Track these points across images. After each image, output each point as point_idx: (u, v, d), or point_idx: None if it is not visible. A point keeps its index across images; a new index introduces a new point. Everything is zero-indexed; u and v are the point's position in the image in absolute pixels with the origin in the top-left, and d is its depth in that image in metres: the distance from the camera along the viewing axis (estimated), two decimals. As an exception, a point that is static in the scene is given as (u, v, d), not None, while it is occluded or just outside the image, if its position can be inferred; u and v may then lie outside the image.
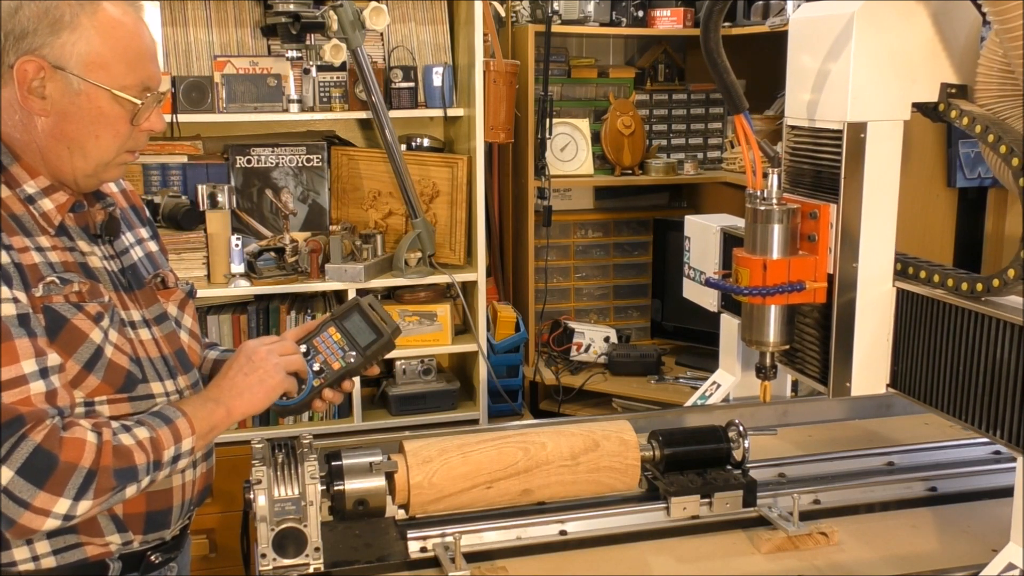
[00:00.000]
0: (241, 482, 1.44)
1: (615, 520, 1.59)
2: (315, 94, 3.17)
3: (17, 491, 1.19)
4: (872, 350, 1.58)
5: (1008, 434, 1.34)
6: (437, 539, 1.51)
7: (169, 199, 3.10)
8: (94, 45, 1.29)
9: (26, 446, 1.19)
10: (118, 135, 1.35)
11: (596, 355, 3.63)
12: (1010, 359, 1.33)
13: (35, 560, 1.33)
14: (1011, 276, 1.37)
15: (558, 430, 1.59)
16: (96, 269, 1.38)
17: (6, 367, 1.21)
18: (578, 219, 3.85)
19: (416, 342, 3.20)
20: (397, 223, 3.27)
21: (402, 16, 3.33)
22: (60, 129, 1.32)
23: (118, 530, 1.38)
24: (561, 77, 3.71)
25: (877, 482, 1.71)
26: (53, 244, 1.33)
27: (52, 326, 1.28)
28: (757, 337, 1.64)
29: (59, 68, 1.28)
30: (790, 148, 1.67)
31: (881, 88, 1.50)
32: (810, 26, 1.59)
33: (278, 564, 1.39)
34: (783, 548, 1.54)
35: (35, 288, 1.27)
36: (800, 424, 2.04)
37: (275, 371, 1.44)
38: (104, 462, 1.24)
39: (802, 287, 1.55)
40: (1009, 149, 1.36)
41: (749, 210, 1.59)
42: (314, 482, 1.40)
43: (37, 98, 1.29)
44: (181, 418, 1.34)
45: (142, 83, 1.35)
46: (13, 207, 1.31)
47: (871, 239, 1.55)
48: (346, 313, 1.56)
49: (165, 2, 3.10)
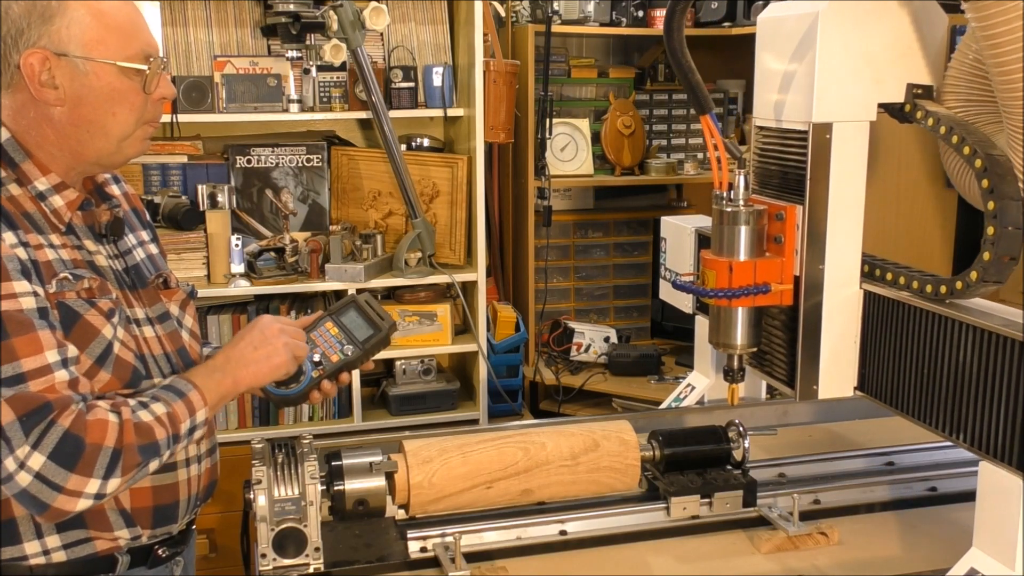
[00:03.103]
0: (241, 482, 1.44)
1: (615, 520, 1.59)
2: (315, 94, 3.17)
3: (50, 476, 1.22)
4: (839, 353, 1.57)
5: (970, 438, 1.33)
6: (437, 539, 1.51)
7: (169, 199, 3.09)
8: (87, 24, 1.32)
9: (55, 431, 1.22)
10: (134, 107, 1.38)
11: (596, 355, 3.63)
12: (972, 362, 1.32)
13: (46, 554, 1.35)
14: (973, 278, 1.36)
15: (558, 430, 1.59)
16: (102, 268, 1.41)
17: (32, 357, 1.24)
18: (578, 219, 3.85)
19: (416, 342, 3.20)
20: (397, 223, 3.28)
21: (402, 16, 3.33)
22: (78, 114, 1.35)
23: (127, 525, 1.41)
24: (561, 77, 3.71)
25: (877, 482, 1.71)
26: (63, 242, 1.36)
27: (66, 321, 1.31)
28: (724, 340, 1.63)
29: (62, 54, 1.31)
30: (758, 149, 1.66)
31: (847, 89, 1.48)
32: (776, 26, 1.58)
33: (278, 564, 1.39)
34: (783, 548, 1.54)
35: (49, 284, 1.30)
36: (800, 424, 2.04)
37: (284, 350, 1.45)
38: (127, 440, 1.27)
39: (767, 289, 1.54)
40: (973, 151, 1.35)
41: (715, 211, 1.58)
42: (314, 482, 1.40)
43: (50, 89, 1.32)
44: (193, 391, 1.37)
45: (143, 51, 1.37)
46: (25, 205, 1.34)
47: (837, 241, 1.54)
48: (342, 309, 1.60)
49: (165, 2, 3.09)
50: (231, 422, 3.08)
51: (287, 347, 1.46)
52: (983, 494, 1.31)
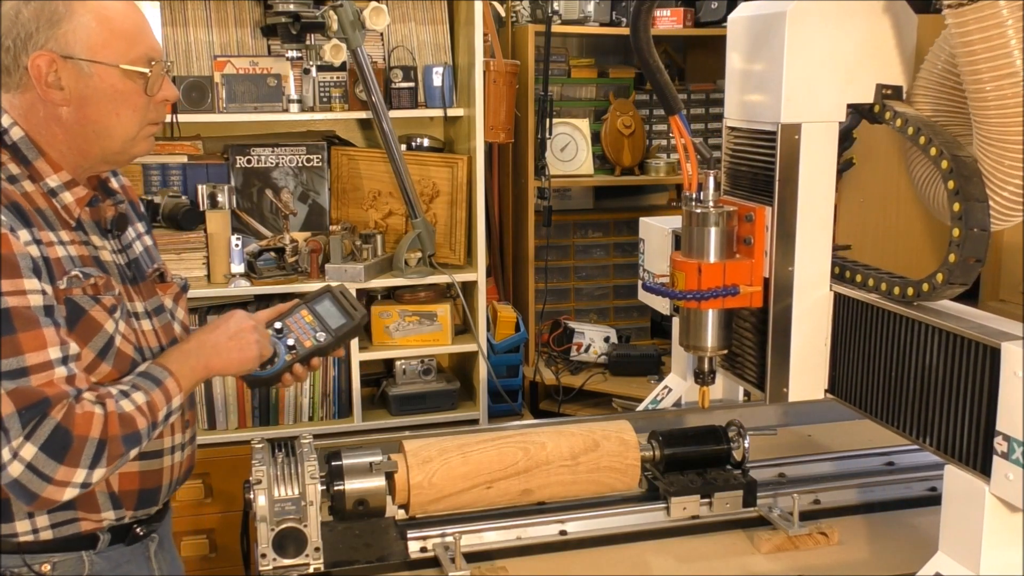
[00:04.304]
0: (241, 482, 1.44)
1: (615, 520, 1.59)
2: (315, 94, 3.17)
3: (40, 466, 1.28)
4: (809, 355, 1.55)
5: (936, 441, 1.32)
6: (437, 539, 1.51)
7: (169, 199, 3.09)
8: (93, 28, 1.38)
9: (47, 424, 1.28)
10: (137, 108, 1.44)
11: (596, 355, 3.63)
12: (938, 365, 1.31)
13: (35, 532, 1.44)
14: (939, 280, 1.35)
15: (558, 430, 1.59)
16: (107, 263, 1.47)
17: (35, 352, 1.30)
18: (578, 219, 3.85)
19: (416, 342, 3.20)
20: (397, 223, 3.27)
21: (402, 16, 3.33)
22: (83, 114, 1.41)
23: (113, 507, 1.48)
24: (561, 77, 3.71)
25: (877, 482, 1.71)
26: (72, 238, 1.42)
27: (72, 316, 1.37)
28: (694, 342, 1.61)
29: (68, 57, 1.38)
30: (729, 150, 1.64)
31: (815, 89, 1.47)
32: (745, 26, 1.56)
33: (278, 564, 1.40)
34: (783, 548, 1.54)
35: (60, 281, 1.37)
36: (800, 424, 2.04)
37: (255, 346, 1.54)
38: (112, 431, 1.33)
39: (736, 291, 1.52)
40: (939, 151, 1.35)
41: (685, 213, 1.56)
42: (314, 482, 1.40)
43: (56, 90, 1.39)
44: (169, 378, 1.43)
45: (145, 55, 1.44)
46: (38, 201, 1.40)
47: (807, 242, 1.52)
48: (317, 298, 1.68)
49: (165, 2, 3.09)
50: (231, 422, 3.07)
51: (257, 344, 1.54)
52: (948, 498, 1.30)
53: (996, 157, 1.31)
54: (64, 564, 1.46)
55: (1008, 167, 1.31)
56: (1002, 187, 1.32)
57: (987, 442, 1.23)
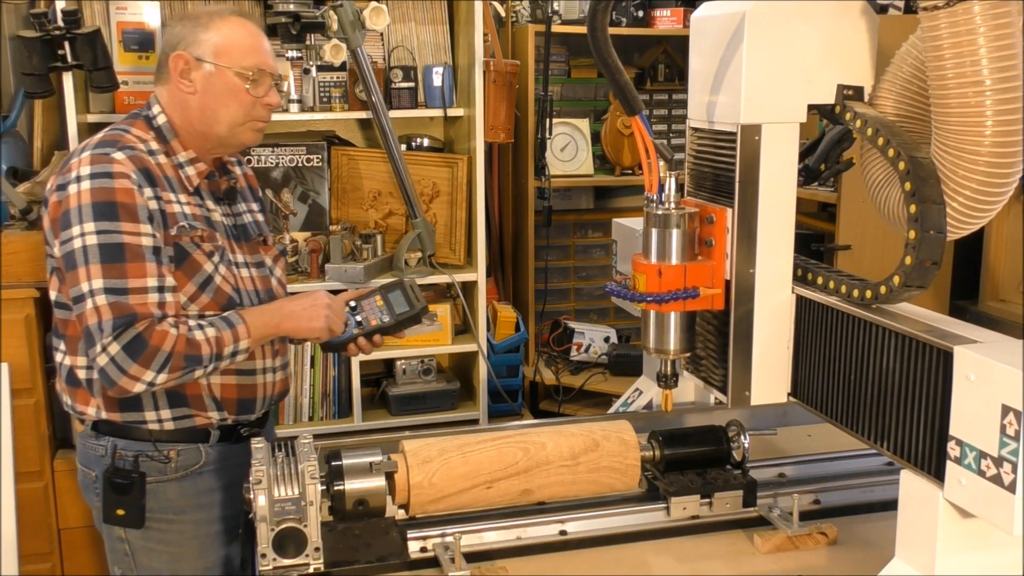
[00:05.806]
0: (241, 482, 1.45)
1: (615, 520, 1.59)
2: (315, 94, 3.17)
3: (120, 361, 1.65)
4: (772, 358, 1.54)
5: (893, 446, 1.31)
6: (437, 539, 1.51)
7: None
8: (221, 40, 1.81)
9: (131, 332, 1.65)
10: (242, 104, 1.83)
11: (596, 355, 3.63)
12: (894, 369, 1.30)
13: (159, 423, 1.81)
14: (896, 283, 1.34)
15: (558, 430, 1.59)
16: (216, 222, 1.87)
17: (136, 279, 1.68)
18: (578, 219, 3.85)
19: (416, 342, 3.20)
20: (397, 223, 3.28)
21: (402, 16, 3.33)
22: (203, 103, 1.82)
23: (216, 408, 1.84)
24: (561, 77, 3.71)
25: (877, 482, 1.71)
26: (188, 200, 1.82)
27: (178, 257, 1.76)
28: (657, 345, 1.59)
29: (199, 59, 1.81)
30: (692, 151, 1.62)
31: (776, 89, 1.45)
32: (706, 25, 1.54)
33: (278, 564, 1.40)
34: (783, 548, 1.54)
35: (171, 229, 1.76)
36: (800, 424, 2.04)
37: (323, 320, 1.85)
38: (179, 349, 1.68)
39: (696, 293, 1.51)
40: (897, 153, 1.33)
41: (646, 214, 1.54)
42: (314, 482, 1.40)
43: (187, 82, 1.82)
44: (242, 324, 1.76)
45: (256, 66, 1.83)
46: (167, 171, 1.81)
47: (768, 244, 1.50)
48: (391, 286, 2.00)
49: (165, 2, 3.09)
50: (231, 422, 3.07)
51: (327, 319, 1.86)
52: (904, 503, 1.29)
53: (953, 163, 1.31)
54: (186, 453, 1.84)
55: (964, 173, 1.30)
56: (958, 192, 1.31)
57: (941, 447, 1.21)
